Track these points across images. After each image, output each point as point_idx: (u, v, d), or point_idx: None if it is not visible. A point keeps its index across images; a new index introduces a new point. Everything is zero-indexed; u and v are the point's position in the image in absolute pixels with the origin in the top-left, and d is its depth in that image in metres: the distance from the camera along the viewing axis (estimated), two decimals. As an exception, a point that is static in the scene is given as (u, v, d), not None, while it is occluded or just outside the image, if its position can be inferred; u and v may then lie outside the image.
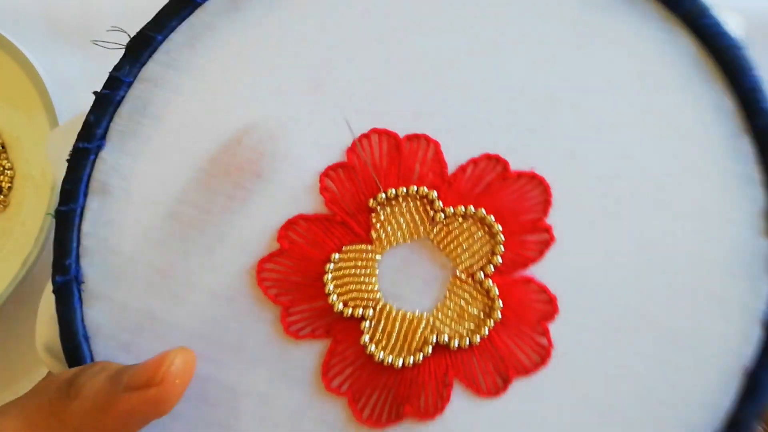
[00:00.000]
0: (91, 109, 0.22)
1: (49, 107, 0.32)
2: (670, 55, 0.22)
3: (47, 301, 0.24)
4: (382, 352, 0.21)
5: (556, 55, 0.22)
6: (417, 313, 0.22)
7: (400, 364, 0.21)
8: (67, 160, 0.22)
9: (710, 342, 0.22)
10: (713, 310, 0.22)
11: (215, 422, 0.22)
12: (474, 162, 0.22)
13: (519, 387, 0.22)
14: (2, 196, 0.35)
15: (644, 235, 0.22)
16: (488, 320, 0.22)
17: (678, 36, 0.22)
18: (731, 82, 0.22)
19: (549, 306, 0.22)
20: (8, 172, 0.35)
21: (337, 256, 0.22)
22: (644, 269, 0.22)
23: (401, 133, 0.22)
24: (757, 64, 0.22)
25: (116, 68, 0.22)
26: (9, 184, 0.35)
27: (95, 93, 0.22)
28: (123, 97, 0.22)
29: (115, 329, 0.22)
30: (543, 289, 0.22)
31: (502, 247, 0.22)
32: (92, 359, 0.22)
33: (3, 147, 0.36)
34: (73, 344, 0.21)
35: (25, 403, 0.20)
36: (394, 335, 0.22)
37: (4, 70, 0.34)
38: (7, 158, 0.35)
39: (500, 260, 0.22)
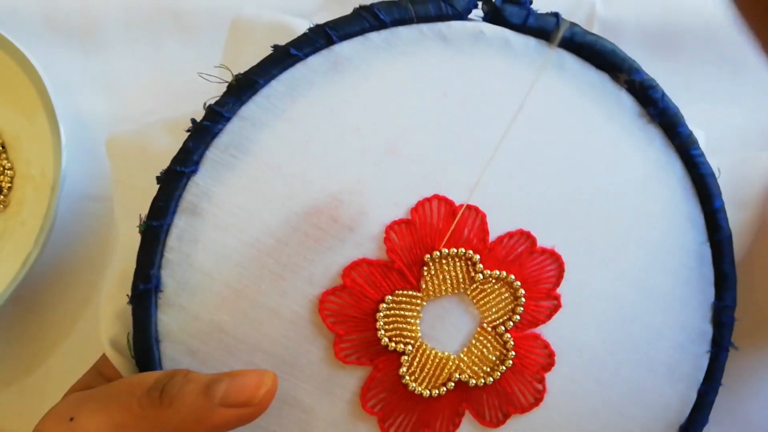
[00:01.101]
0: (189, 137, 0.24)
1: (48, 107, 0.32)
2: (666, 172, 0.28)
3: (111, 298, 0.26)
4: (414, 383, 0.26)
5: (588, 162, 0.27)
6: (446, 354, 0.26)
7: (427, 395, 0.26)
8: (158, 178, 0.24)
9: (659, 402, 0.28)
10: (665, 376, 0.28)
11: (261, 426, 0.25)
12: (510, 235, 0.26)
13: (515, 421, 0.27)
14: (2, 196, 0.35)
15: (622, 314, 0.27)
16: (501, 366, 0.26)
17: (674, 159, 0.28)
18: (702, 202, 0.28)
19: (549, 359, 0.27)
20: (8, 172, 0.35)
21: (390, 298, 0.25)
22: (621, 340, 0.27)
23: (457, 201, 0.26)
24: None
25: (219, 104, 0.24)
26: (9, 184, 0.35)
27: (193, 120, 0.24)
28: (221, 131, 0.24)
29: (185, 336, 0.24)
30: (546, 345, 0.27)
31: (522, 308, 0.26)
32: (160, 361, 0.24)
33: (3, 147, 0.35)
34: (146, 346, 0.24)
35: (107, 402, 0.21)
36: (426, 369, 0.26)
37: (3, 70, 0.33)
38: (6, 158, 0.35)
39: (519, 318, 0.26)
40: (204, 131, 0.24)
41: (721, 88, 0.36)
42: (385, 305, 0.25)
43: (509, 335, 0.26)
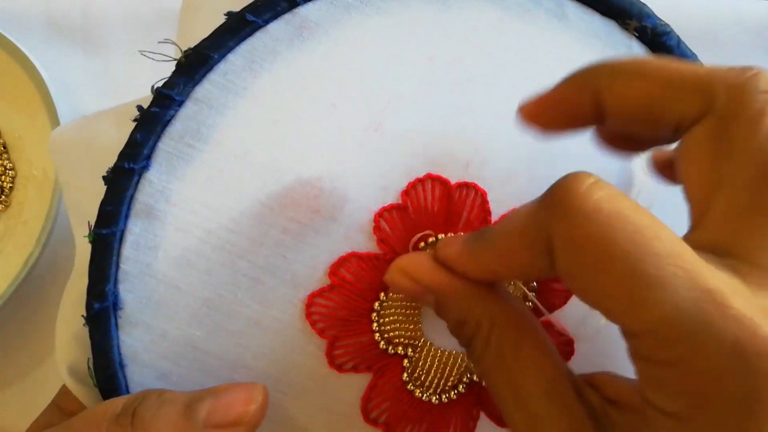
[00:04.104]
0: (137, 127, 0.20)
1: (50, 107, 0.32)
2: None
3: (66, 319, 0.22)
4: (419, 389, 0.23)
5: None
6: (454, 353, 0.23)
7: (437, 401, 0.23)
8: (104, 178, 0.21)
9: None
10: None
11: (253, 449, 0.22)
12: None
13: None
14: (4, 196, 0.35)
15: None
16: (516, 360, 0.23)
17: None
18: None
19: (567, 347, 0.24)
20: (10, 172, 0.35)
21: (384, 296, 0.22)
22: None
23: (452, 180, 0.23)
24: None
25: (167, 86, 0.20)
26: (11, 184, 0.35)
27: (139, 108, 0.21)
28: (173, 117, 0.21)
29: (154, 357, 0.21)
30: (562, 332, 0.24)
31: (533, 294, 0.23)
32: (127, 387, 0.21)
33: (5, 147, 0.36)
34: (110, 372, 0.21)
35: None
36: (432, 372, 0.23)
37: (5, 70, 0.34)
38: (8, 158, 0.36)
39: (530, 306, 0.23)
40: (153, 119, 0.20)
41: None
42: (380, 304, 0.22)
43: (522, 325, 0.23)
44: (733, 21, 0.35)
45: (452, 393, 0.23)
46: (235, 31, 0.21)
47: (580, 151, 0.23)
